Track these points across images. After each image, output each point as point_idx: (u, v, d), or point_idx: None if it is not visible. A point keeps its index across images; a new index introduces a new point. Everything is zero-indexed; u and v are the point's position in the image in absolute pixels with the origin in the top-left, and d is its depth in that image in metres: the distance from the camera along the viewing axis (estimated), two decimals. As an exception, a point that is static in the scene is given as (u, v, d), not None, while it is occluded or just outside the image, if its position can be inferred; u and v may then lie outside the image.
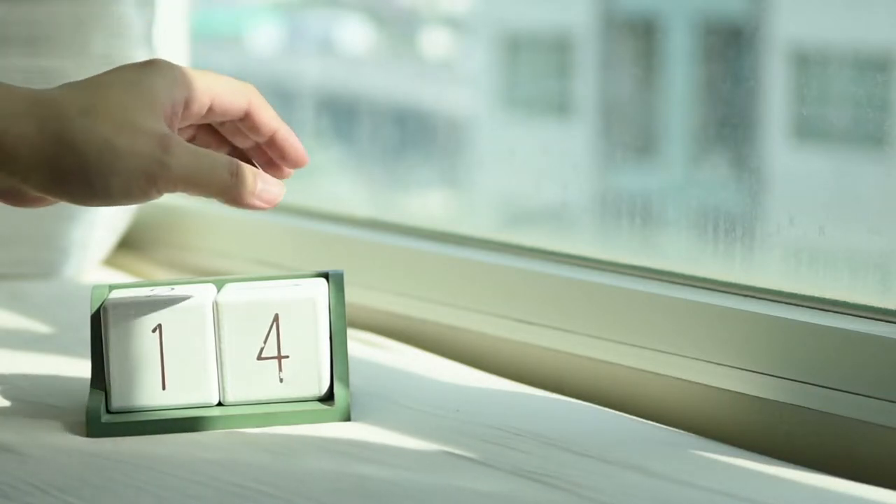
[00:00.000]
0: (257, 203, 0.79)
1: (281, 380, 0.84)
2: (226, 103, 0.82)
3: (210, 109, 0.81)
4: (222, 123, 0.84)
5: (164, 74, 0.79)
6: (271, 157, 0.85)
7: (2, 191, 0.78)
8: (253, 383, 0.83)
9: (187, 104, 0.80)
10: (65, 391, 0.89)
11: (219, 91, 0.81)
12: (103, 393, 0.83)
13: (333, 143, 1.62)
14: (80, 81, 0.78)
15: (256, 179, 0.79)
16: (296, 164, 0.85)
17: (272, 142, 0.84)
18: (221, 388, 0.83)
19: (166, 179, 0.76)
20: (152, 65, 0.79)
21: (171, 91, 0.79)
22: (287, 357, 0.84)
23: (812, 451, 0.86)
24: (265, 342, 0.84)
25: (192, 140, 0.85)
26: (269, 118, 0.84)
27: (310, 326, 0.83)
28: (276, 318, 0.83)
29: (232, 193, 0.79)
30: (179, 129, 0.82)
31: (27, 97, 0.75)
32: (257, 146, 0.85)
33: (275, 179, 0.80)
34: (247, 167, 0.79)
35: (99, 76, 0.79)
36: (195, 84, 0.80)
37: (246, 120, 0.83)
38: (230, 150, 0.86)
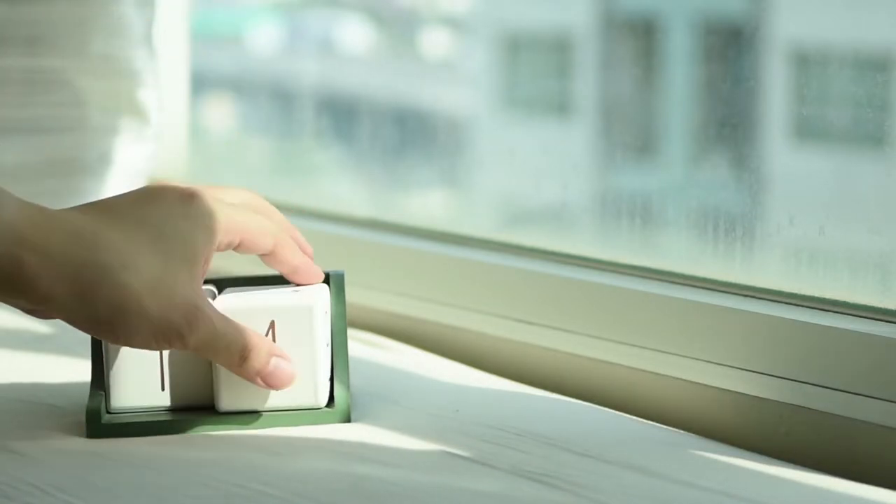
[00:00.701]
0: (260, 383, 0.81)
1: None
2: (253, 242, 0.82)
3: (239, 246, 0.82)
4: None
5: (205, 225, 0.79)
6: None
7: (29, 309, 0.79)
8: (247, 391, 0.82)
9: (218, 247, 0.81)
10: (65, 391, 0.89)
11: (249, 233, 0.82)
12: (103, 393, 0.83)
13: (333, 143, 1.62)
14: (122, 208, 0.79)
15: (268, 360, 0.81)
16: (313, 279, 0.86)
17: (294, 275, 0.85)
18: (216, 396, 0.82)
19: (182, 347, 0.79)
20: (191, 206, 0.79)
21: (208, 244, 0.79)
22: None
23: (812, 451, 0.86)
24: None
25: None
26: (294, 255, 0.84)
27: (306, 334, 0.82)
28: (272, 325, 0.83)
29: (238, 371, 0.80)
30: None
31: (66, 231, 0.76)
32: None
33: (287, 362, 0.81)
34: (261, 349, 0.80)
35: (143, 207, 0.79)
36: (230, 228, 0.81)
37: (270, 257, 0.84)
38: None
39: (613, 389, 0.98)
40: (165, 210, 0.79)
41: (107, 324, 0.77)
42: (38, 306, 0.77)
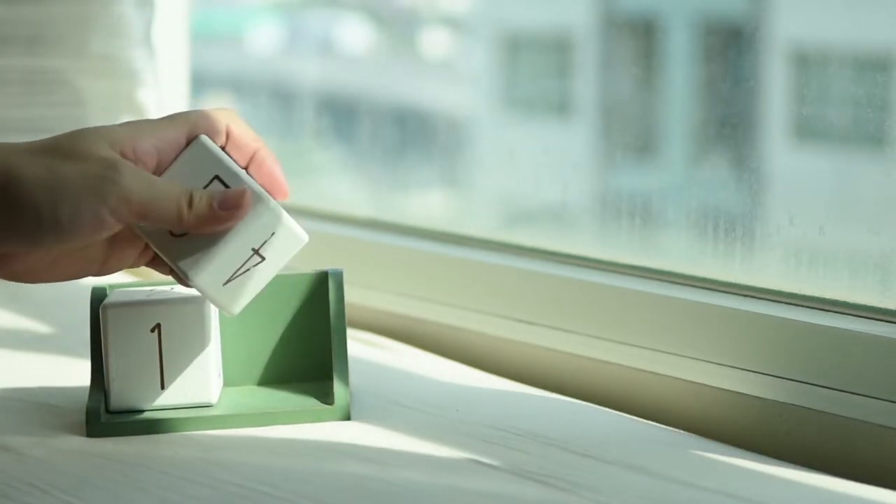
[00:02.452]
0: (219, 214, 0.75)
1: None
2: (208, 123, 0.78)
3: (190, 131, 0.78)
4: None
5: (127, 124, 0.77)
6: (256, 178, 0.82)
7: None
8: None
9: (156, 133, 0.77)
10: (65, 391, 0.89)
11: (194, 114, 0.78)
12: (103, 393, 0.83)
13: (333, 143, 1.62)
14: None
15: (213, 202, 0.75)
16: (278, 198, 0.81)
17: (257, 164, 0.81)
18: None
19: (117, 201, 0.73)
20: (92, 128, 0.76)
21: (134, 127, 0.76)
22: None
23: (812, 451, 0.86)
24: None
25: None
26: (249, 137, 0.80)
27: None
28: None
29: (189, 221, 0.75)
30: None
31: None
32: None
33: (230, 192, 0.76)
34: (203, 193, 0.75)
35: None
36: (164, 120, 0.78)
37: (229, 143, 0.80)
38: None
39: (613, 389, 0.98)
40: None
41: (27, 206, 0.71)
42: None
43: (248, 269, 0.79)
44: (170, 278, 0.83)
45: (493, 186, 1.41)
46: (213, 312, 0.83)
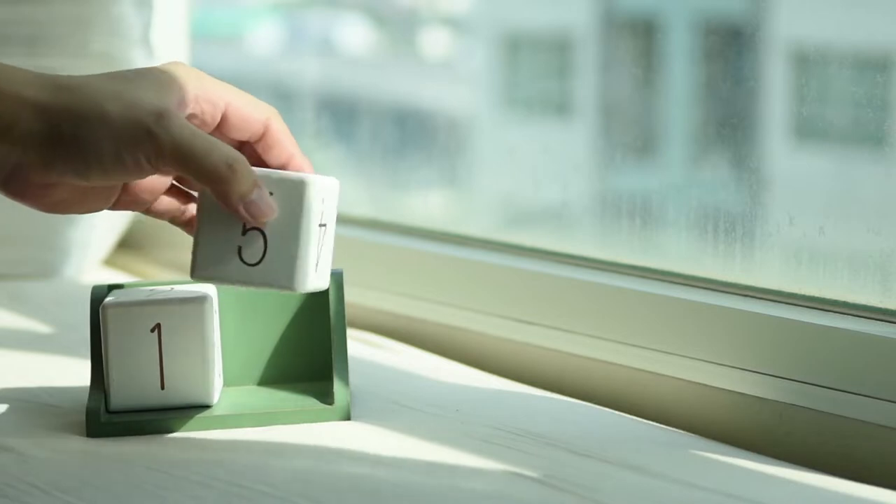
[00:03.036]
0: (241, 210, 0.75)
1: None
2: (243, 114, 0.79)
3: (225, 119, 0.79)
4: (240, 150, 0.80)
5: (178, 71, 0.77)
6: None
7: (5, 179, 0.76)
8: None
9: (197, 101, 0.77)
10: (65, 391, 0.89)
11: (236, 99, 0.78)
12: (103, 393, 0.83)
13: (333, 143, 1.62)
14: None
15: (254, 185, 0.75)
16: None
17: (285, 168, 0.81)
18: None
19: (156, 151, 0.73)
20: (169, 63, 0.78)
21: (181, 83, 0.76)
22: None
23: (812, 451, 0.86)
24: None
25: None
26: (287, 141, 0.80)
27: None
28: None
29: (222, 187, 0.74)
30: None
31: (34, 71, 0.75)
32: None
33: (270, 199, 0.76)
34: (249, 169, 0.75)
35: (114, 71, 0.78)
36: (206, 84, 0.78)
37: (263, 140, 0.80)
38: None
39: (613, 389, 0.98)
40: (139, 67, 0.78)
41: (72, 140, 0.73)
42: (7, 146, 0.74)
43: (322, 244, 0.78)
44: (169, 278, 0.82)
45: (493, 186, 1.41)
46: (214, 312, 0.83)
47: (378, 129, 1.62)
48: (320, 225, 0.78)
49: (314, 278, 0.78)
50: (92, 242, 1.29)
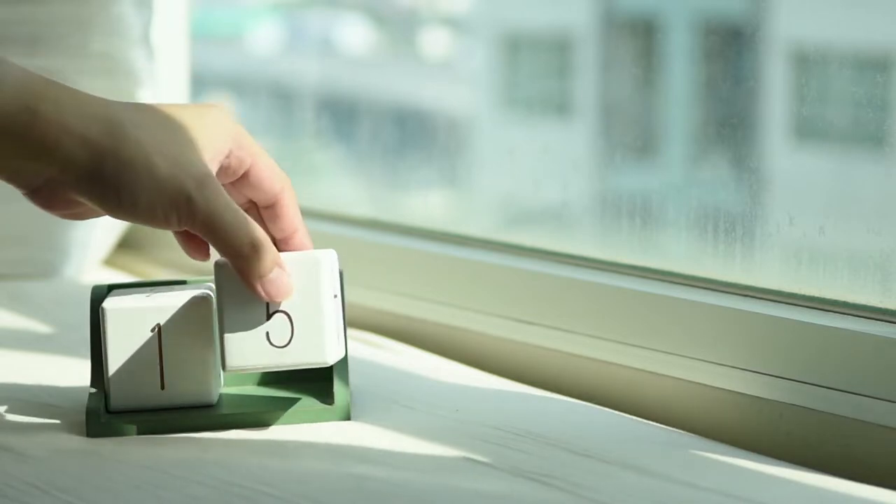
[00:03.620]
0: (259, 289, 0.78)
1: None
2: (263, 177, 0.81)
3: (245, 178, 0.81)
4: (247, 209, 0.83)
5: (220, 123, 0.79)
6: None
7: (35, 188, 0.77)
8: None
9: (229, 156, 0.80)
10: (65, 391, 0.89)
11: (262, 162, 0.81)
12: (103, 393, 0.83)
13: (333, 143, 1.62)
14: (140, 103, 0.79)
15: (274, 265, 0.78)
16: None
17: (288, 241, 0.83)
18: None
19: (189, 216, 0.76)
20: (210, 110, 0.80)
21: (222, 139, 0.79)
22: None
23: (812, 451, 0.86)
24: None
25: None
26: (296, 215, 0.83)
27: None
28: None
29: (243, 264, 0.77)
30: None
31: (80, 93, 0.76)
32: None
33: (288, 276, 0.79)
34: (271, 249, 0.78)
35: (158, 104, 0.79)
36: (245, 143, 0.80)
37: (273, 208, 0.82)
38: None
39: (613, 389, 0.98)
40: (185, 107, 0.79)
41: (113, 181, 0.75)
42: (44, 165, 0.75)
43: (337, 314, 0.82)
44: (170, 278, 0.83)
45: (493, 186, 1.41)
46: (213, 312, 0.83)
47: (378, 129, 1.62)
48: (334, 296, 0.81)
49: (339, 348, 0.82)
50: (92, 242, 1.29)
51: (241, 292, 0.79)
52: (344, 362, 0.85)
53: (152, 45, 1.29)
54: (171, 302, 0.82)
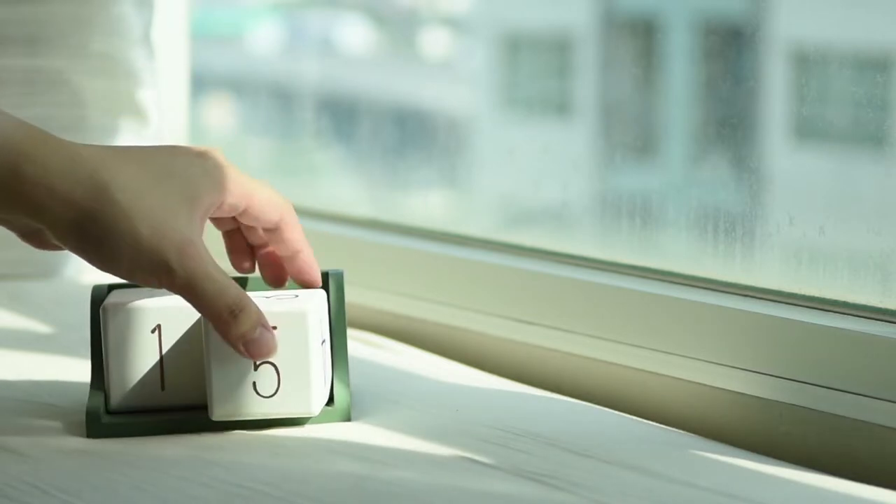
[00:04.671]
0: (241, 349, 0.78)
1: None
2: (260, 212, 0.82)
3: (244, 212, 0.82)
4: (249, 228, 0.85)
5: (211, 174, 0.80)
6: (287, 270, 0.86)
7: (27, 232, 0.80)
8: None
9: (221, 206, 0.80)
10: (65, 391, 0.89)
11: (257, 200, 0.82)
12: (103, 393, 0.83)
13: (333, 143, 1.62)
14: (131, 151, 0.79)
15: (256, 326, 0.78)
16: (306, 286, 0.85)
17: (292, 260, 0.85)
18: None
19: (169, 283, 0.77)
20: (204, 159, 0.80)
21: (214, 193, 0.79)
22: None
23: (812, 451, 0.86)
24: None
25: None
26: (297, 238, 0.84)
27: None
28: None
29: (222, 328, 0.78)
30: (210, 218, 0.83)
31: (67, 150, 0.76)
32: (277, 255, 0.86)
33: (272, 335, 0.79)
34: (252, 312, 0.78)
35: (151, 152, 0.79)
36: (237, 190, 0.81)
37: (275, 233, 0.84)
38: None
39: (613, 389, 0.98)
40: (176, 155, 0.79)
41: (95, 242, 0.76)
42: (31, 220, 0.77)
43: (325, 359, 0.82)
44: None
45: (493, 186, 1.41)
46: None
47: (378, 129, 1.62)
48: (322, 343, 0.82)
49: (325, 394, 0.82)
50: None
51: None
52: (344, 362, 0.85)
53: (152, 45, 1.29)
54: (171, 302, 0.82)
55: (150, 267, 0.76)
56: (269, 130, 1.72)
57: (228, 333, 0.78)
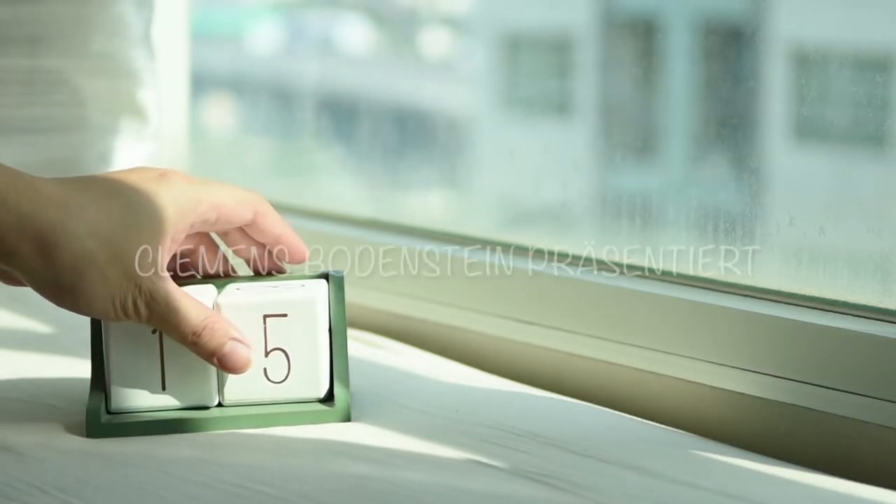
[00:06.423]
0: (216, 364, 0.81)
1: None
2: (232, 214, 0.84)
3: (217, 221, 0.83)
4: (225, 233, 0.86)
5: (175, 200, 0.81)
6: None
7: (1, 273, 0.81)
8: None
9: (192, 227, 0.82)
10: (65, 391, 0.89)
11: (226, 206, 0.83)
12: (103, 393, 0.83)
13: (333, 143, 1.62)
14: (98, 182, 0.81)
15: (225, 341, 0.81)
16: (296, 262, 0.87)
17: (276, 244, 0.86)
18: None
19: (137, 319, 0.80)
20: (167, 184, 0.81)
21: (179, 221, 0.81)
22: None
23: (812, 451, 0.86)
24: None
25: (195, 248, 0.87)
26: (274, 224, 0.86)
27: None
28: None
29: (192, 349, 0.81)
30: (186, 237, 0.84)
31: (39, 194, 0.77)
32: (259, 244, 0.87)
33: (246, 347, 0.82)
34: (218, 329, 0.81)
35: (117, 180, 0.81)
36: (203, 206, 0.82)
37: (252, 227, 0.85)
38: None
39: (613, 389, 0.98)
40: (139, 186, 0.81)
41: (69, 289, 0.78)
42: (4, 264, 0.78)
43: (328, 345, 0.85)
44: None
45: (493, 186, 1.41)
46: None
47: (378, 129, 1.62)
48: (328, 329, 0.84)
49: (328, 380, 0.85)
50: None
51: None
52: (344, 362, 0.85)
53: (152, 45, 1.29)
54: (171, 302, 0.82)
55: (120, 307, 0.79)
56: (269, 130, 1.72)
57: (199, 354, 0.81)
